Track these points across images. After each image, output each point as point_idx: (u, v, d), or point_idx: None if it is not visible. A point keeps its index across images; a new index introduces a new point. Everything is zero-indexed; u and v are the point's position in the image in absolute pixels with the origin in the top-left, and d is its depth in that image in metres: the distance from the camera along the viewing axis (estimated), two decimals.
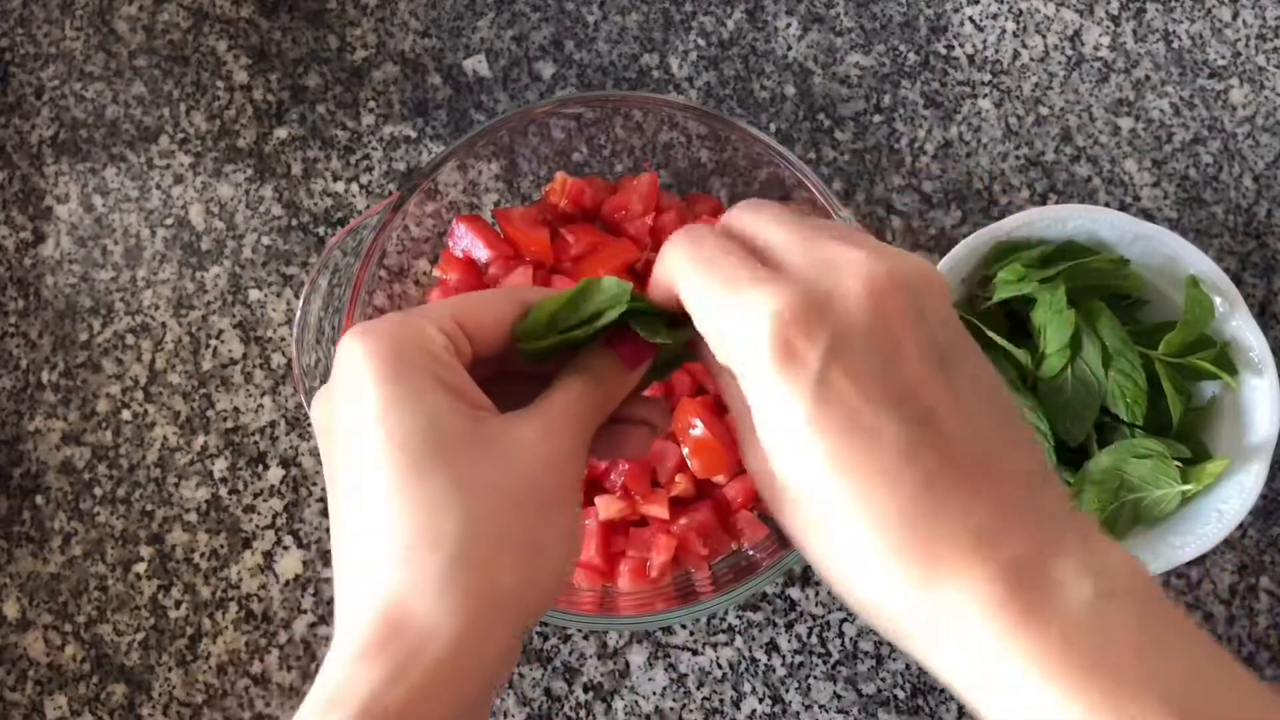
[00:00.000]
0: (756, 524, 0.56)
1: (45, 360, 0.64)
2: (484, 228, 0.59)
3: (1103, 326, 0.55)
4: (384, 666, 0.28)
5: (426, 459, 0.29)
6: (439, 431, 0.30)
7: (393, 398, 0.30)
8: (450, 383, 0.31)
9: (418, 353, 0.31)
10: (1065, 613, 0.28)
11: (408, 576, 0.29)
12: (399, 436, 0.30)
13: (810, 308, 0.29)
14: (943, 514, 0.29)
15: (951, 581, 0.29)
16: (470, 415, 0.31)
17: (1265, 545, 0.61)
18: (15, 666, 0.60)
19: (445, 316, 0.33)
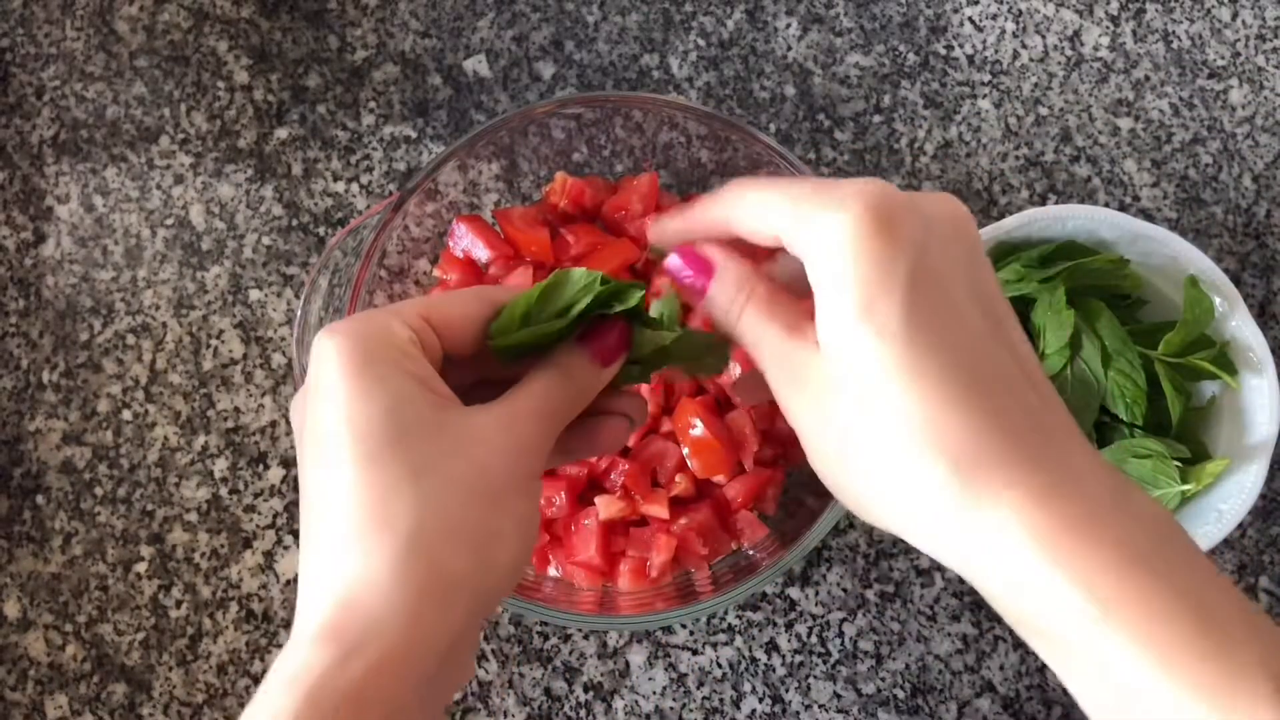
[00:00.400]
0: (756, 524, 0.56)
1: (46, 360, 0.64)
2: (484, 228, 0.59)
3: (1102, 326, 0.55)
4: (337, 648, 0.29)
5: (384, 447, 0.30)
6: (398, 421, 0.31)
7: (355, 390, 0.31)
8: (414, 374, 0.32)
9: (382, 346, 0.32)
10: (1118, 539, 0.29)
11: (361, 561, 0.30)
12: (359, 427, 0.31)
13: (910, 197, 0.31)
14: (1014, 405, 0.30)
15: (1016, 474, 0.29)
16: (432, 405, 0.32)
17: (1265, 545, 0.61)
18: (16, 666, 0.60)
19: (413, 313, 0.33)
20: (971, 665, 0.59)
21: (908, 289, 0.30)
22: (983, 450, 0.29)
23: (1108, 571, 0.28)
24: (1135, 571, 0.28)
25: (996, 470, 0.29)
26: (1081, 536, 0.28)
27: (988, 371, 0.30)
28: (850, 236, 0.30)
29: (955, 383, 0.30)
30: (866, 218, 0.30)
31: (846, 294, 0.30)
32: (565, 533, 0.55)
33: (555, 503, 0.55)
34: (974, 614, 0.60)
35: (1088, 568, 0.28)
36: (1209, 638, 0.27)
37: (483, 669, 0.59)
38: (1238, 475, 0.54)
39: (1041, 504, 0.29)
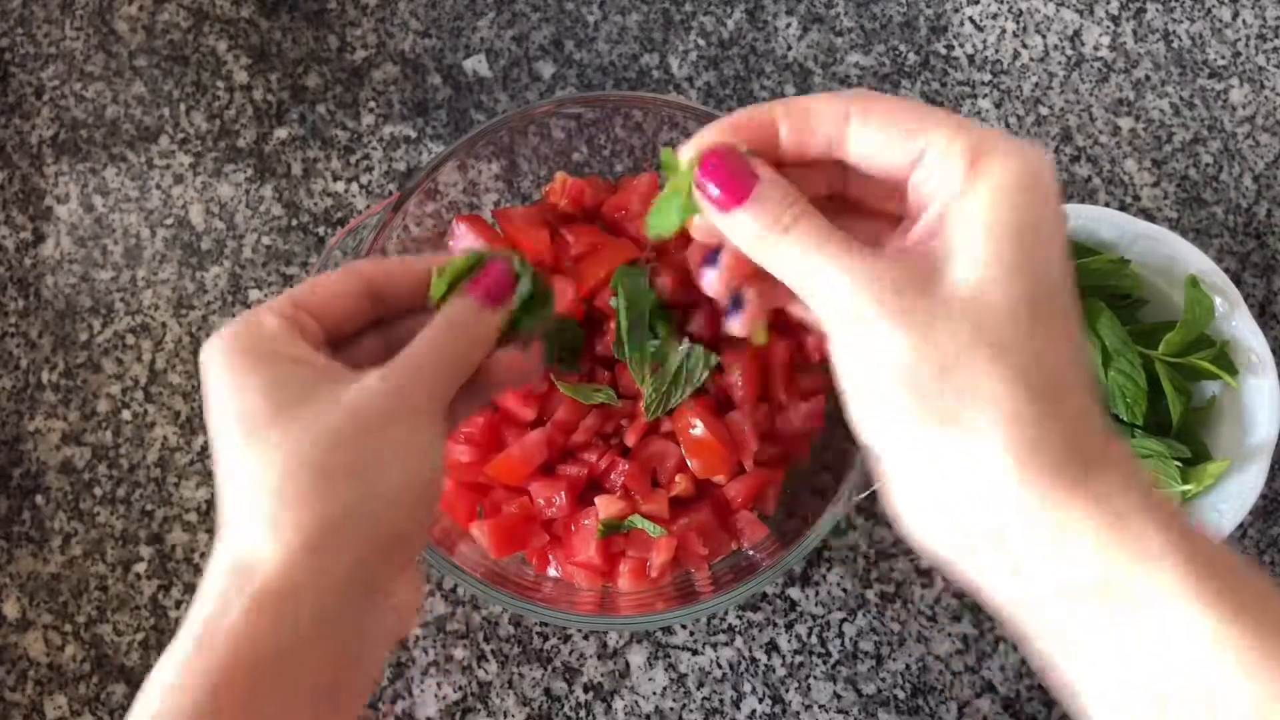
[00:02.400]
0: (756, 524, 0.56)
1: (45, 360, 0.64)
2: (484, 228, 0.59)
3: (1103, 326, 0.55)
4: (219, 600, 0.31)
5: (258, 425, 0.32)
6: (274, 399, 0.33)
7: (231, 384, 0.33)
8: (288, 356, 0.33)
9: (251, 339, 0.34)
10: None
11: (242, 524, 0.32)
12: (238, 413, 0.33)
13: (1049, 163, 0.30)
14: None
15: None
16: (311, 378, 0.33)
17: (1265, 545, 0.61)
18: (15, 666, 0.60)
19: (283, 302, 0.35)
20: (972, 665, 0.59)
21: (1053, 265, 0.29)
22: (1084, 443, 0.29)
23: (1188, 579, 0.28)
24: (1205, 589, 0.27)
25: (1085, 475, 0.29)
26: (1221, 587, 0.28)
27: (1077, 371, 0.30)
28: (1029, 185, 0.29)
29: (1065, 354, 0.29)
30: (1045, 177, 0.29)
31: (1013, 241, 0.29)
32: (565, 533, 0.55)
33: (555, 503, 0.55)
34: (974, 614, 0.60)
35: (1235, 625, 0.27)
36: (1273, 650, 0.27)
37: (483, 669, 0.59)
38: (1238, 475, 0.54)
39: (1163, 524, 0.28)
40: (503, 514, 0.55)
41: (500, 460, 0.55)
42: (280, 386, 0.33)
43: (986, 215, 0.29)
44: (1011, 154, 0.30)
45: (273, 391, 0.33)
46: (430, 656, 0.59)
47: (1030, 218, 0.29)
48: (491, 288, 0.37)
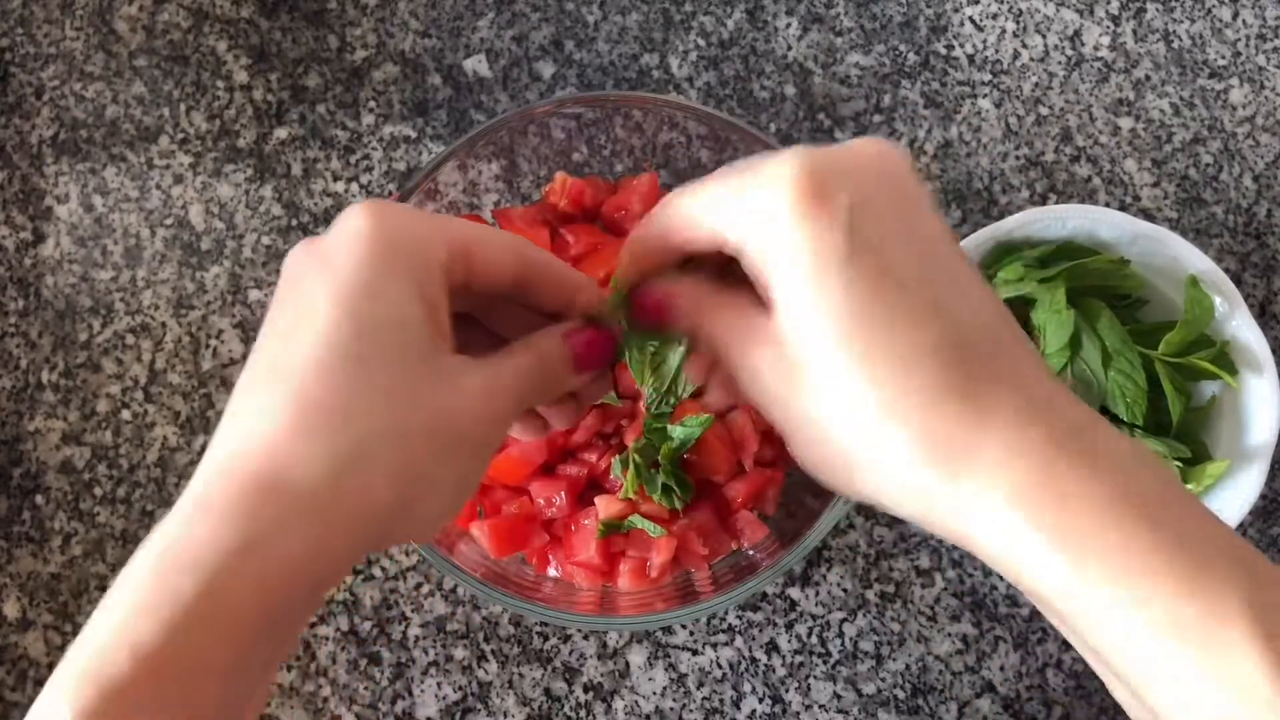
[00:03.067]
0: (756, 524, 0.56)
1: (45, 360, 0.64)
2: None
3: (1103, 326, 0.55)
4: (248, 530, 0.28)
5: (374, 353, 0.30)
6: (396, 334, 0.30)
7: (369, 283, 0.30)
8: (429, 299, 0.31)
9: (415, 256, 0.31)
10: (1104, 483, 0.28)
11: (301, 446, 0.29)
12: (359, 318, 0.30)
13: (832, 158, 0.30)
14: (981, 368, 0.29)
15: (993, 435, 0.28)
16: (430, 339, 0.31)
17: (1265, 545, 0.61)
18: (15, 666, 0.60)
19: (459, 238, 0.32)
20: (972, 665, 0.59)
21: (845, 269, 0.29)
22: (945, 420, 0.29)
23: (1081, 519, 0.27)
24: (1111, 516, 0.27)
25: (962, 436, 0.28)
26: (1054, 488, 0.28)
27: (941, 334, 0.29)
28: (784, 223, 0.29)
29: (909, 358, 0.29)
30: (794, 196, 0.29)
31: (790, 280, 0.30)
32: (565, 533, 0.55)
33: (555, 503, 0.55)
34: (974, 614, 0.60)
35: (1062, 520, 0.28)
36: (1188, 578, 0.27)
37: (483, 669, 0.59)
38: (1238, 475, 0.54)
39: (1011, 462, 0.28)
40: (503, 514, 0.55)
41: (500, 460, 0.55)
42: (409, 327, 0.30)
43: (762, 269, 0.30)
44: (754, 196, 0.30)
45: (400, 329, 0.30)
46: (430, 656, 0.59)
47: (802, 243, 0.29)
48: (587, 354, 0.35)
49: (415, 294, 0.31)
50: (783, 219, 0.29)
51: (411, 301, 0.30)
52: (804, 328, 0.30)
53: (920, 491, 0.29)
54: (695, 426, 0.53)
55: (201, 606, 0.27)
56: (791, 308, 0.30)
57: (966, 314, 0.30)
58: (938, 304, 0.29)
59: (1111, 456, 0.29)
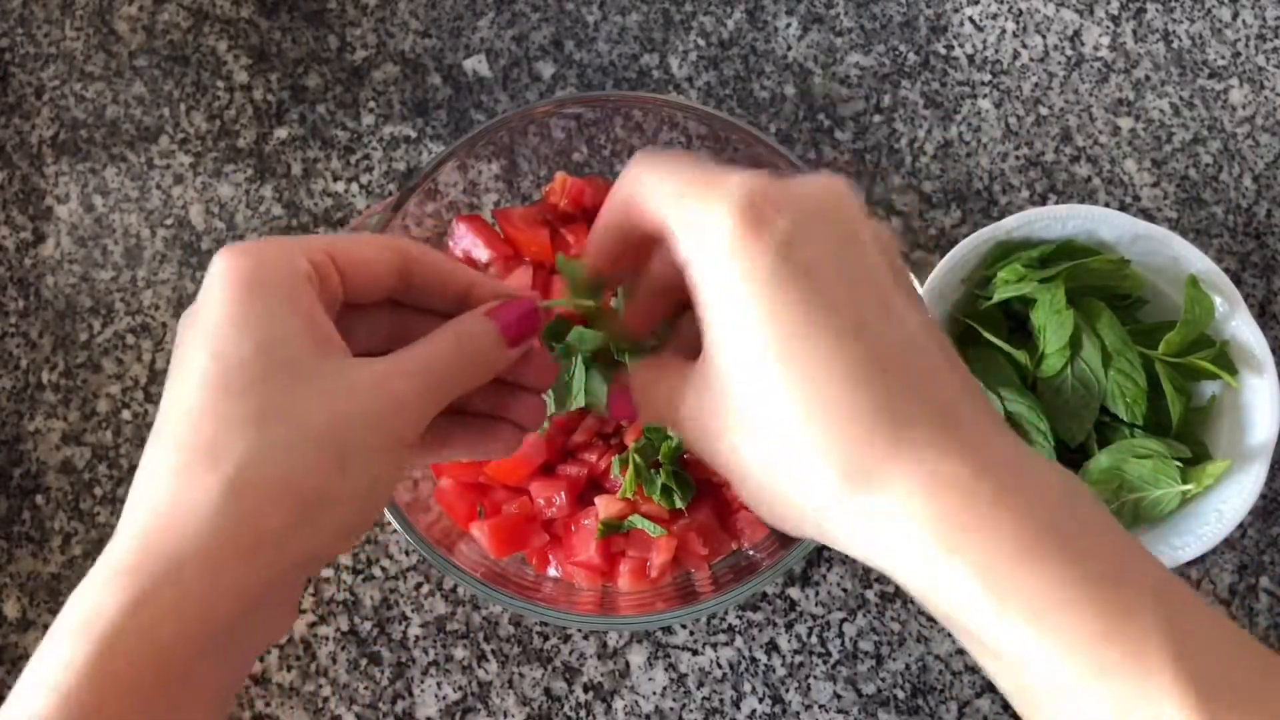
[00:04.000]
0: (756, 524, 0.56)
1: (45, 360, 0.64)
2: (484, 228, 0.59)
3: (1102, 326, 0.55)
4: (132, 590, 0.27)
5: (243, 381, 0.29)
6: (266, 358, 0.29)
7: (233, 317, 0.30)
8: (301, 311, 0.30)
9: (275, 275, 0.30)
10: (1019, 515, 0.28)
11: (177, 494, 0.28)
12: (224, 356, 0.29)
13: (776, 187, 0.30)
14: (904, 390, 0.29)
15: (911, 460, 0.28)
16: (310, 348, 0.30)
17: (1265, 545, 0.61)
18: (15, 667, 0.60)
19: (318, 247, 0.32)
20: (972, 665, 0.59)
21: (772, 290, 0.29)
22: (862, 443, 0.28)
23: (1000, 554, 0.27)
24: (1030, 551, 0.27)
25: (880, 461, 0.28)
26: (973, 519, 0.27)
27: (862, 360, 0.29)
28: (719, 241, 0.30)
29: (827, 380, 0.29)
30: (734, 219, 0.29)
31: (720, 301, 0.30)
32: (565, 533, 0.55)
33: (555, 503, 0.55)
34: None
35: (980, 553, 0.27)
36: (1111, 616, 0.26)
37: (483, 669, 0.59)
38: (1238, 475, 0.54)
39: (930, 490, 0.28)
40: (503, 514, 0.55)
41: (500, 460, 0.55)
42: (279, 346, 0.30)
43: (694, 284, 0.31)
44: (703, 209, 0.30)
45: (269, 349, 0.29)
46: (430, 656, 0.59)
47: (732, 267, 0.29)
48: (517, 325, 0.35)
49: (284, 311, 0.30)
50: (721, 242, 0.30)
51: (280, 319, 0.30)
52: (729, 348, 0.30)
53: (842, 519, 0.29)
54: None
55: (92, 671, 0.27)
56: (719, 328, 0.30)
57: (894, 337, 0.30)
58: (864, 327, 0.29)
59: (1037, 488, 0.28)
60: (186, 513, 0.28)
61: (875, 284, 0.30)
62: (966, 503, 0.28)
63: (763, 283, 0.29)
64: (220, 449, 0.29)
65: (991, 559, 0.27)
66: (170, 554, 0.28)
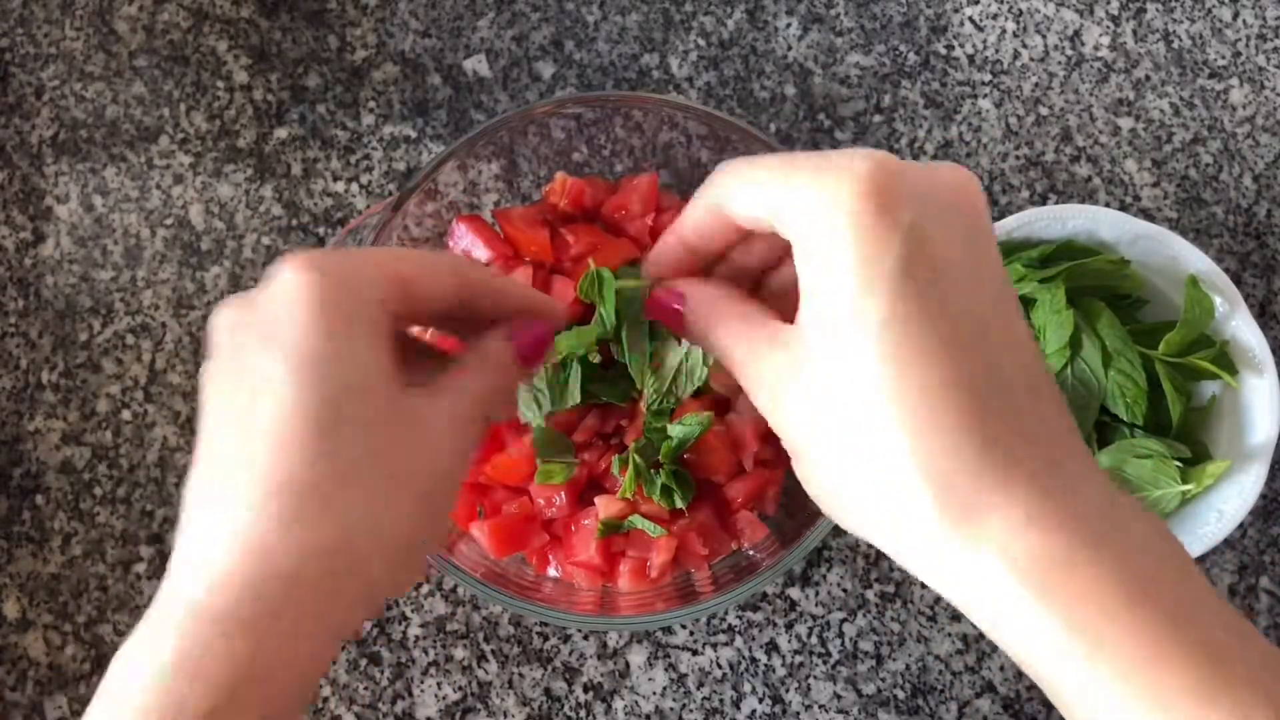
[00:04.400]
0: (756, 524, 0.56)
1: (45, 360, 0.64)
2: (484, 228, 0.59)
3: (1103, 326, 0.55)
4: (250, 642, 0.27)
5: (337, 422, 0.28)
6: (357, 397, 0.29)
7: (322, 349, 0.28)
8: (382, 344, 0.30)
9: (358, 302, 0.29)
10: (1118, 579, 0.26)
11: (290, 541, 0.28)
12: (315, 387, 0.28)
13: (906, 171, 0.28)
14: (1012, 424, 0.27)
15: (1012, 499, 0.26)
16: (388, 382, 0.30)
17: (1265, 545, 0.61)
18: (15, 666, 0.60)
19: (393, 272, 0.31)
20: (972, 665, 0.59)
21: (896, 285, 0.27)
22: (968, 473, 0.27)
23: (1095, 604, 0.26)
24: (1128, 604, 0.26)
25: (982, 495, 0.27)
26: (1069, 567, 0.26)
27: (980, 380, 0.27)
28: (840, 221, 0.27)
29: (942, 397, 0.27)
30: (859, 198, 0.27)
31: (832, 288, 0.27)
32: (565, 533, 0.55)
33: (555, 503, 0.55)
34: None
35: (1074, 602, 0.26)
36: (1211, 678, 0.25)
37: (483, 669, 0.59)
38: (1238, 476, 0.54)
39: (1028, 532, 0.26)
40: (503, 514, 0.55)
41: (500, 460, 0.55)
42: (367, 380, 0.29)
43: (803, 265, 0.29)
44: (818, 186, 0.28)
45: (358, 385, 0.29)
46: (430, 656, 0.59)
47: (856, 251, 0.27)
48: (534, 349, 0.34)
49: (369, 346, 0.29)
50: (841, 219, 0.27)
51: (366, 353, 0.29)
52: (836, 337, 0.28)
53: (925, 543, 0.27)
54: (694, 425, 0.53)
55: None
56: (827, 313, 0.28)
57: (1009, 360, 0.28)
58: (983, 343, 0.27)
59: (1134, 538, 0.27)
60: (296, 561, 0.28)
61: (999, 293, 0.28)
62: (1063, 554, 0.26)
63: (885, 277, 0.27)
64: (328, 497, 0.28)
65: (1085, 610, 0.26)
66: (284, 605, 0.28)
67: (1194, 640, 0.25)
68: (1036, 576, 0.26)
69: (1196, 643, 0.25)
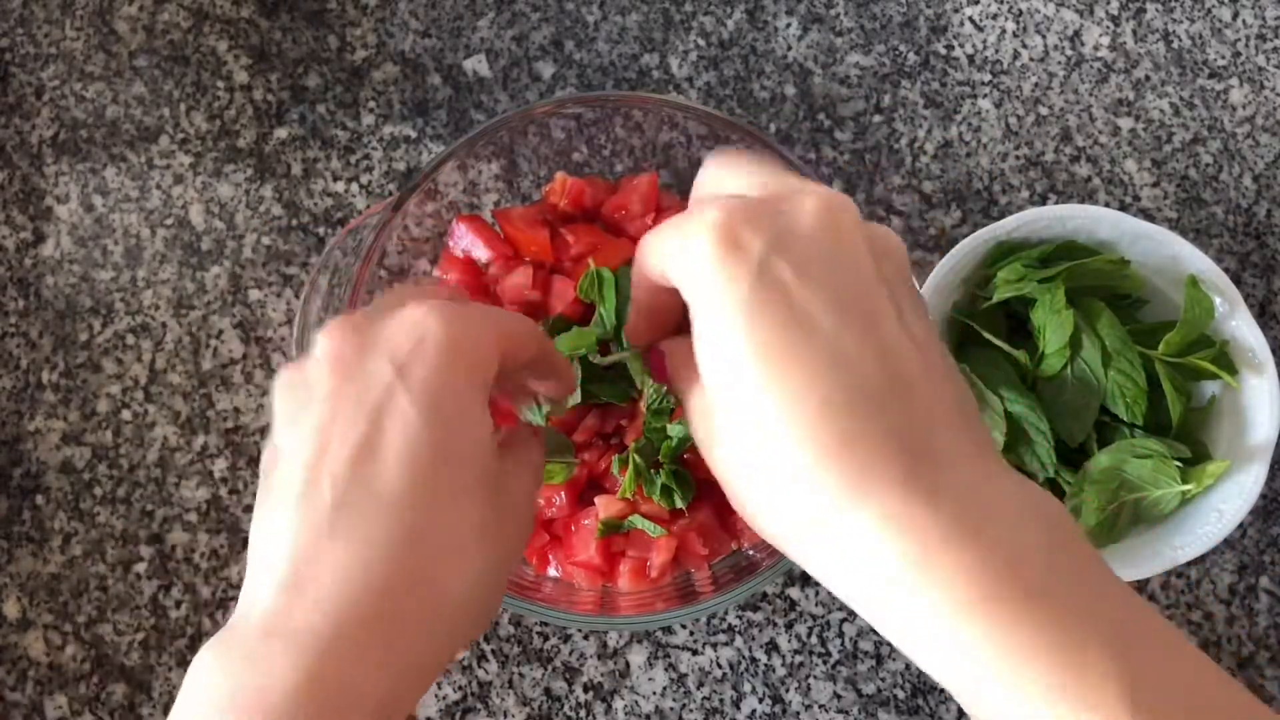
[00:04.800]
0: None
1: (45, 360, 0.64)
2: (484, 228, 0.59)
3: (1102, 326, 0.55)
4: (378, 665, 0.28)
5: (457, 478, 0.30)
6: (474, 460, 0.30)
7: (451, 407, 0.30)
8: (488, 407, 0.32)
9: (479, 366, 0.31)
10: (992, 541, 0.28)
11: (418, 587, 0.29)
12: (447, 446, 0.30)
13: (759, 207, 0.30)
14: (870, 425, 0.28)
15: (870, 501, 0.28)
16: (491, 451, 0.32)
17: (1265, 545, 0.61)
18: (15, 666, 0.60)
19: (504, 338, 0.33)
20: None
21: (747, 313, 0.29)
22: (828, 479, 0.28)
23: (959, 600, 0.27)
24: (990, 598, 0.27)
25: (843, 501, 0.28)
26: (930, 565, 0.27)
27: (835, 385, 0.28)
28: (699, 267, 0.30)
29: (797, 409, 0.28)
30: (710, 242, 0.29)
31: (706, 328, 0.30)
32: (565, 533, 0.55)
33: (555, 503, 0.55)
34: None
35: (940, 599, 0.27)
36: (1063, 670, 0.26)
37: (483, 669, 0.59)
38: (1238, 475, 0.54)
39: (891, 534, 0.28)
40: None
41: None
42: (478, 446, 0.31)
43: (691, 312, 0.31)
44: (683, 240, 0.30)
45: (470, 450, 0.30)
46: None
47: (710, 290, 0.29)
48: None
49: (482, 408, 0.31)
50: (703, 263, 0.30)
51: (483, 415, 0.31)
52: (711, 368, 0.30)
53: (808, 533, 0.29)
54: None
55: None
56: (704, 348, 0.30)
57: (871, 362, 0.29)
58: (839, 350, 0.29)
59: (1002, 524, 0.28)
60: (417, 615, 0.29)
61: (860, 300, 0.30)
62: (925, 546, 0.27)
63: (738, 305, 0.29)
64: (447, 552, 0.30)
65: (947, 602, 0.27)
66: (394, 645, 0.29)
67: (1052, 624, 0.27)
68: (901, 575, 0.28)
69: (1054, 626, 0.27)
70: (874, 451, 0.28)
